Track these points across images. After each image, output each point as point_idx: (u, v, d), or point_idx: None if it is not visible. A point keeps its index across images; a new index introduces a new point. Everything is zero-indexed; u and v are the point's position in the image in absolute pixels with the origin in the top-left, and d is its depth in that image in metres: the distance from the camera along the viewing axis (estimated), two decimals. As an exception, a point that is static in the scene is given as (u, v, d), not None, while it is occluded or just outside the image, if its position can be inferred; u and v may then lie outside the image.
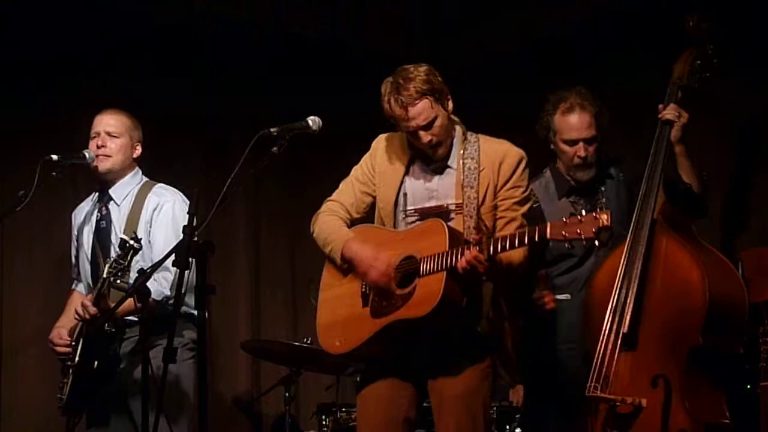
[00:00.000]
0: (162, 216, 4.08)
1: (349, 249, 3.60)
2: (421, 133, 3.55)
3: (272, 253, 6.02)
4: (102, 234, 4.14)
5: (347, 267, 3.65)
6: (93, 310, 3.86)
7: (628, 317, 3.63)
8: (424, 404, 3.76)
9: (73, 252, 4.32)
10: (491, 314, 3.56)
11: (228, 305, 5.77)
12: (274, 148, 3.39)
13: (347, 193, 3.77)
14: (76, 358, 3.94)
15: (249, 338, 5.66)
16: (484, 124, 3.83)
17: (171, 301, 3.92)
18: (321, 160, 5.77)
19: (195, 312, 3.97)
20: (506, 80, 5.91)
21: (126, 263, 3.76)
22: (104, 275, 3.82)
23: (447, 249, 3.40)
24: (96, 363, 3.89)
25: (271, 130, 3.42)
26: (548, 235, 3.21)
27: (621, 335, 3.63)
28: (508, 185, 3.61)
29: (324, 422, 5.05)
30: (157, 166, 4.34)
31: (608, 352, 3.64)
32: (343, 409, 5.06)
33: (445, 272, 3.39)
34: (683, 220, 3.80)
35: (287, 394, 5.13)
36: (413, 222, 3.65)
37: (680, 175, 3.87)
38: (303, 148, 3.58)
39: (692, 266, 3.60)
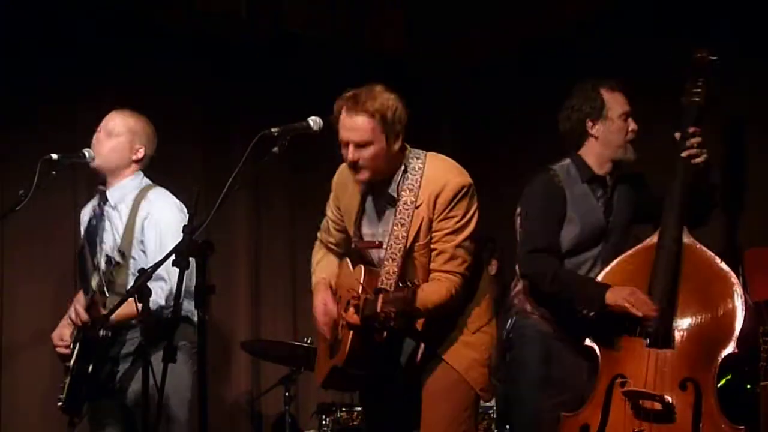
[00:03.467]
0: (152, 225, 4.02)
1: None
2: (349, 148, 3.46)
3: (272, 253, 6.02)
4: (90, 232, 4.12)
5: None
6: (85, 317, 3.90)
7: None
8: None
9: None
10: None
11: (228, 305, 5.77)
12: (275, 149, 3.38)
13: (327, 230, 3.84)
14: (71, 362, 3.95)
15: (249, 338, 5.67)
16: (483, 123, 3.83)
17: (167, 311, 3.88)
18: (322, 160, 5.74)
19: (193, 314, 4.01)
20: (506, 80, 5.92)
21: (108, 278, 3.89)
22: (94, 288, 3.91)
23: None
24: (91, 367, 3.89)
25: (272, 130, 3.40)
26: (378, 309, 3.16)
27: (646, 332, 3.64)
28: (442, 216, 3.45)
29: (324, 422, 5.05)
30: (157, 167, 4.33)
31: (633, 347, 3.66)
32: (343, 409, 5.06)
33: None
34: None
35: (287, 394, 5.14)
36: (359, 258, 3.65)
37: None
38: (304, 148, 3.58)
39: (726, 272, 3.66)
